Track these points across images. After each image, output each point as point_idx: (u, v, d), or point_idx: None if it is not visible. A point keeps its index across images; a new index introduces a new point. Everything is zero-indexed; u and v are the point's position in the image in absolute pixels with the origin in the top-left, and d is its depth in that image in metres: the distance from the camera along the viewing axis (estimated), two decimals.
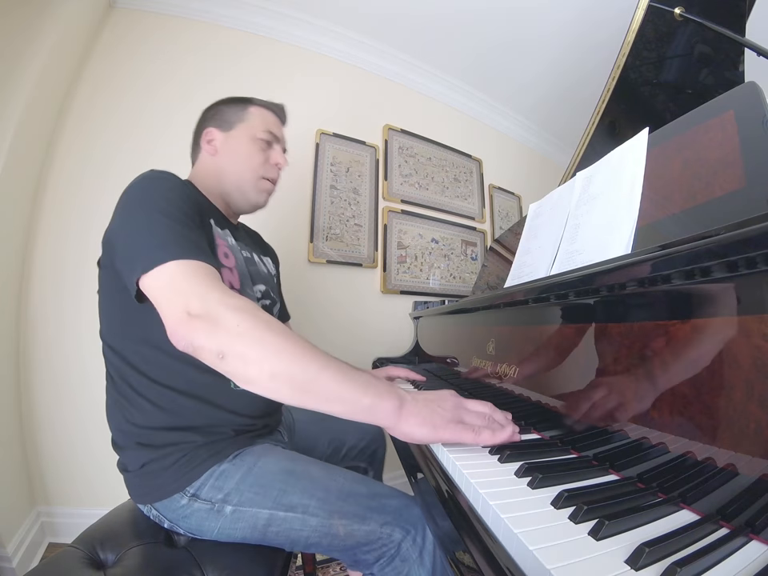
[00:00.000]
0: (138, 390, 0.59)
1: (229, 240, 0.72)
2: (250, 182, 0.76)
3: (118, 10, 1.48)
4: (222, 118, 0.76)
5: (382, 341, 1.80)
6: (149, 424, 0.59)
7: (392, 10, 1.72)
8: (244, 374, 0.44)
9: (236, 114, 0.76)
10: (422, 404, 0.48)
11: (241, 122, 0.76)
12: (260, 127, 0.76)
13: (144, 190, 0.58)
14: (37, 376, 1.24)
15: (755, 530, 0.28)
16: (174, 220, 0.53)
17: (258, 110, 0.78)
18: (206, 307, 0.45)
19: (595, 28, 1.74)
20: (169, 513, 0.58)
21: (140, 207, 0.55)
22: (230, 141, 0.75)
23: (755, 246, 0.29)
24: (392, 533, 0.55)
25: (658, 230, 0.53)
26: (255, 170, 0.76)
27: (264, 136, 0.76)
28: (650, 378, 0.39)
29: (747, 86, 0.48)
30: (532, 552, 0.27)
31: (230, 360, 0.44)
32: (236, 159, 0.74)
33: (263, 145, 0.76)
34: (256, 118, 0.77)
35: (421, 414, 0.46)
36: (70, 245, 1.31)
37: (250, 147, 0.75)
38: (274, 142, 0.79)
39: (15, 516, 1.10)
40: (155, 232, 0.51)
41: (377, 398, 0.45)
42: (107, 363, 0.63)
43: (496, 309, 0.77)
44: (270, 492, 0.57)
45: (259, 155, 0.76)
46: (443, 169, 2.16)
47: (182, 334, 0.45)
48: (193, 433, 0.59)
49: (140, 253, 0.50)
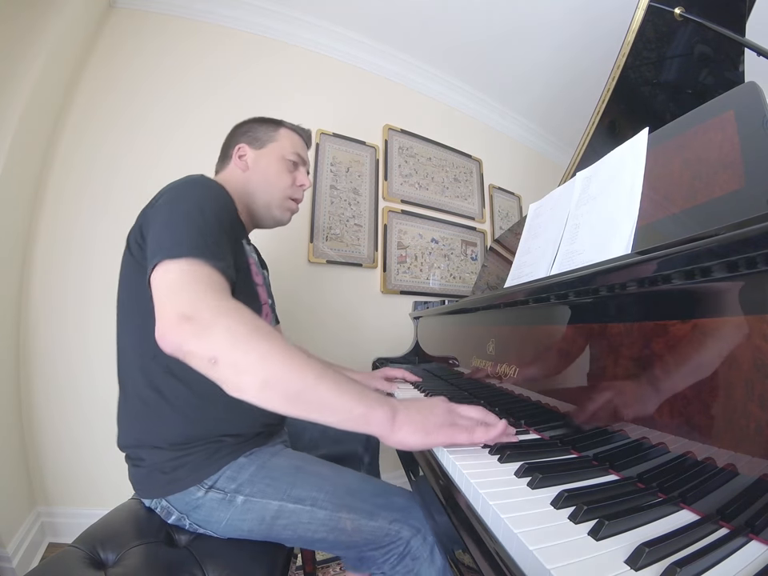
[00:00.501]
0: (170, 400, 0.58)
1: (254, 257, 0.77)
2: (278, 200, 0.81)
3: (118, 10, 1.48)
4: (254, 136, 0.80)
5: (382, 341, 1.80)
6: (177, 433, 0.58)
7: (392, 9, 1.71)
8: (236, 382, 0.44)
9: (267, 134, 0.81)
10: (413, 411, 0.48)
11: (272, 142, 0.81)
12: (289, 149, 0.82)
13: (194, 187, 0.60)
14: (37, 376, 1.24)
15: (755, 530, 0.28)
16: (209, 224, 0.54)
17: (287, 132, 0.83)
18: (201, 311, 0.44)
19: (593, 25, 1.74)
20: (180, 504, 0.58)
21: (184, 201, 0.57)
22: (261, 159, 0.79)
23: (755, 246, 0.29)
24: (400, 530, 0.55)
25: (658, 229, 0.53)
26: (284, 189, 0.81)
27: (293, 158, 0.82)
28: (650, 378, 0.39)
29: (747, 86, 0.48)
30: (532, 552, 0.27)
31: (222, 367, 0.43)
32: (266, 177, 0.79)
33: (290, 166, 0.82)
34: (286, 140, 0.82)
35: (413, 421, 0.47)
36: (73, 244, 1.31)
37: (280, 167, 0.80)
38: (300, 164, 0.84)
39: (15, 516, 1.10)
40: (187, 228, 0.52)
41: (369, 408, 0.46)
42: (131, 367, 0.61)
43: (496, 309, 0.77)
44: (280, 485, 0.58)
45: (287, 176, 0.81)
46: (443, 169, 2.16)
47: (172, 337, 0.44)
48: (219, 438, 0.60)
49: (166, 241, 0.51)
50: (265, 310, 0.74)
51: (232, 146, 0.81)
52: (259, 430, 0.66)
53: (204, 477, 0.57)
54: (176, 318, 0.44)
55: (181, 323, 0.44)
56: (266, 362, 0.44)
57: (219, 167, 0.83)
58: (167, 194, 0.59)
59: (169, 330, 0.44)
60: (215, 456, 0.59)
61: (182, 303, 0.45)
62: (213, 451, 0.59)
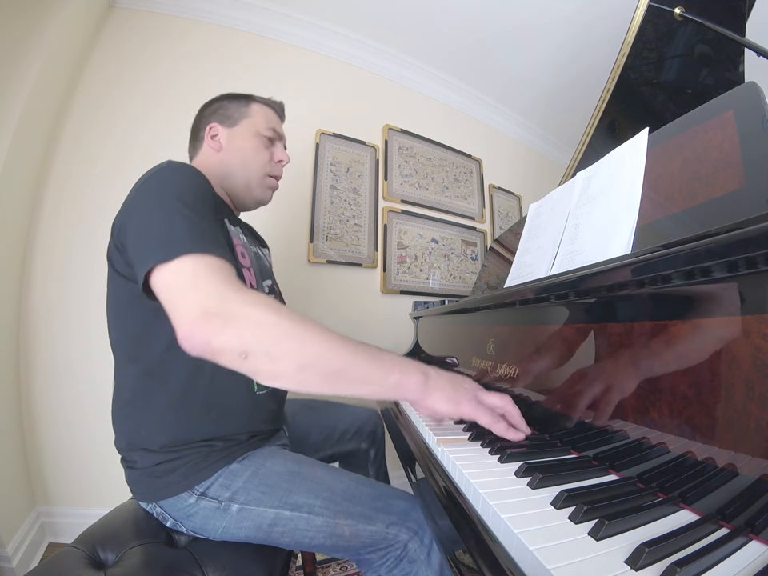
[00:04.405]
0: (156, 405, 0.58)
1: (241, 238, 0.72)
2: (257, 179, 0.76)
3: (118, 10, 1.48)
4: (225, 114, 0.76)
5: (382, 341, 1.80)
6: (165, 436, 0.58)
7: (392, 9, 1.71)
8: (270, 370, 0.43)
9: (239, 111, 0.76)
10: (445, 379, 0.50)
11: (244, 119, 0.76)
12: (263, 124, 0.77)
13: (166, 179, 0.55)
14: (37, 376, 1.24)
15: (755, 530, 0.28)
16: (196, 213, 0.51)
17: (259, 107, 0.78)
18: (225, 305, 0.43)
19: (594, 25, 1.74)
20: (173, 511, 0.58)
21: (161, 196, 0.52)
22: (235, 137, 0.75)
23: (755, 246, 0.29)
24: (398, 533, 0.55)
25: (658, 229, 0.53)
26: (262, 167, 0.76)
27: (268, 133, 0.77)
28: (650, 378, 0.39)
29: (747, 86, 0.48)
30: (532, 552, 0.27)
31: (255, 358, 0.42)
32: (243, 156, 0.74)
33: (266, 142, 0.77)
34: (259, 116, 0.77)
35: (444, 389, 0.49)
36: (73, 244, 1.31)
37: (256, 143, 0.75)
38: (277, 140, 0.80)
39: (15, 516, 1.10)
40: (176, 222, 0.49)
41: (403, 375, 0.47)
42: (121, 371, 0.60)
43: (496, 309, 0.77)
44: (276, 492, 0.57)
45: (264, 152, 0.77)
46: (443, 169, 2.16)
47: (199, 336, 0.42)
48: (208, 442, 0.59)
49: (157, 242, 0.47)
50: None
51: (202, 127, 0.76)
52: (252, 434, 0.64)
53: (195, 483, 0.56)
54: (199, 316, 0.42)
55: (205, 321, 0.42)
56: (301, 346, 0.43)
57: (192, 152, 0.78)
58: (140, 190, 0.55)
59: (194, 329, 0.42)
60: (207, 461, 0.57)
61: (202, 300, 0.43)
62: (203, 455, 0.57)
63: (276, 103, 0.83)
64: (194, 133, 0.79)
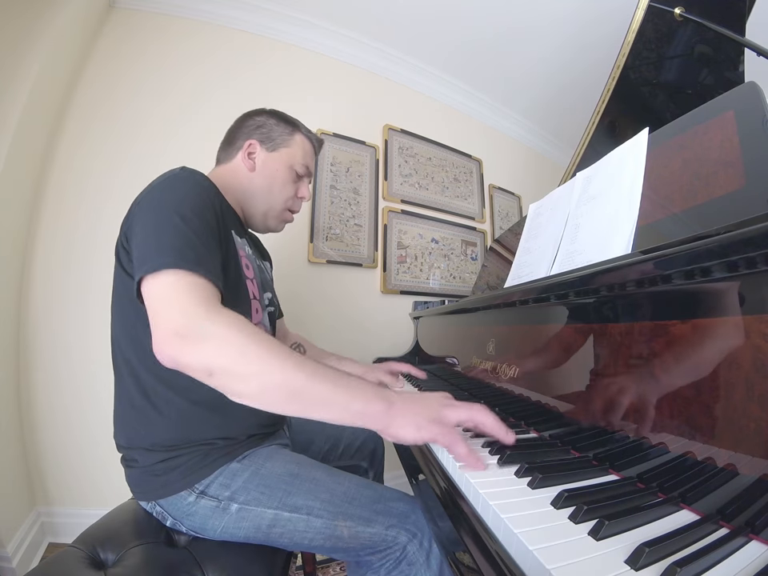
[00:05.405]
0: (158, 405, 0.58)
1: (246, 249, 0.74)
2: (276, 210, 0.79)
3: (118, 10, 1.48)
4: (269, 136, 0.77)
5: (382, 341, 1.80)
6: (166, 437, 0.58)
7: (392, 10, 1.71)
8: (233, 389, 0.45)
9: (282, 137, 0.77)
10: (408, 404, 0.48)
11: (285, 147, 0.77)
12: (300, 159, 0.79)
13: (172, 189, 0.57)
14: (38, 376, 1.24)
15: (755, 530, 0.28)
16: (190, 228, 0.52)
17: (302, 139, 0.80)
18: (195, 324, 0.44)
19: (594, 25, 1.74)
20: (173, 510, 0.58)
21: (161, 207, 0.54)
22: (270, 163, 0.76)
23: (755, 246, 0.29)
24: (397, 536, 0.55)
25: (658, 229, 0.53)
26: (284, 201, 0.79)
27: (300, 170, 0.79)
28: (650, 378, 0.39)
29: (747, 86, 0.48)
30: (532, 552, 0.27)
31: (219, 377, 0.44)
32: (270, 183, 0.76)
33: (296, 177, 0.79)
34: (299, 148, 0.79)
35: (406, 414, 0.47)
36: (73, 244, 1.31)
37: (286, 176, 0.77)
38: (305, 176, 0.82)
39: (15, 516, 1.10)
40: (168, 236, 0.50)
41: (366, 403, 0.46)
42: (122, 371, 0.61)
43: (496, 309, 0.77)
44: (275, 493, 0.57)
45: (291, 187, 0.79)
46: (443, 169, 2.16)
47: (167, 352, 0.45)
48: (209, 441, 0.59)
49: (150, 252, 0.49)
50: (254, 306, 0.70)
51: (242, 138, 0.76)
52: (252, 433, 0.64)
53: (195, 481, 0.57)
54: (169, 334, 0.44)
55: (174, 338, 0.44)
56: (260, 368, 0.44)
57: (222, 156, 0.79)
58: (147, 196, 0.57)
59: (164, 345, 0.45)
60: (207, 459, 0.58)
61: (173, 318, 0.45)
62: (204, 454, 0.58)
63: (318, 140, 0.85)
64: (229, 138, 0.79)
